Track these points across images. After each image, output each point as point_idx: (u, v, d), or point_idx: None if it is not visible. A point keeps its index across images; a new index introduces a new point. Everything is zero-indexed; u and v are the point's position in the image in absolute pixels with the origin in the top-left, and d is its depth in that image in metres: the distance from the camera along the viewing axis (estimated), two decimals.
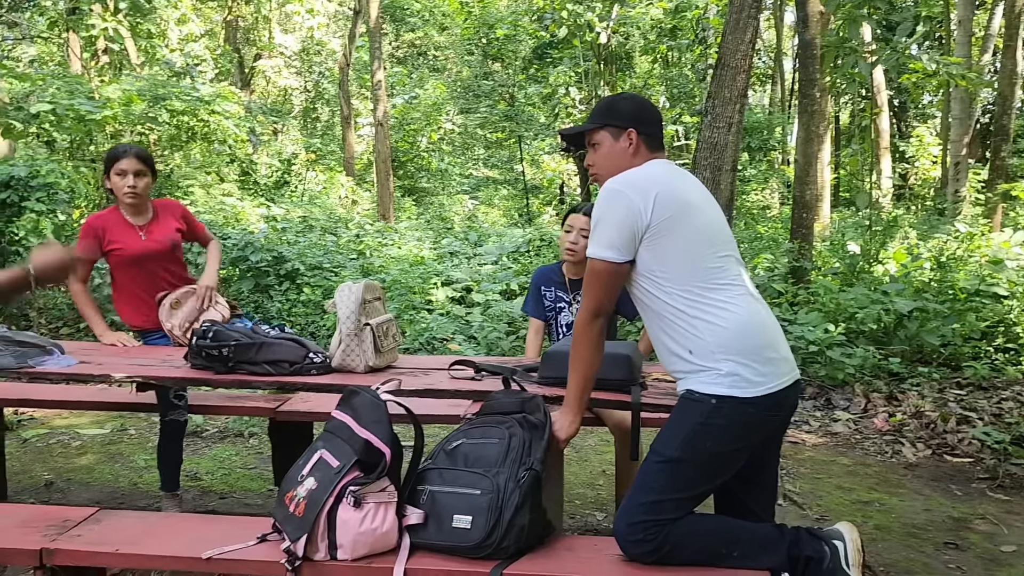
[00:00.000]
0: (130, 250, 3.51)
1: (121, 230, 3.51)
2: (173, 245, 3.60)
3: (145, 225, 3.57)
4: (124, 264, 3.54)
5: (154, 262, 3.56)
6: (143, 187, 3.48)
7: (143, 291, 3.57)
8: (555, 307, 3.71)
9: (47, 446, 5.13)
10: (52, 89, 8.17)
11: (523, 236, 9.96)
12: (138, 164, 3.45)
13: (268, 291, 7.61)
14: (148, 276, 3.57)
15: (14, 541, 2.23)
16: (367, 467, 2.16)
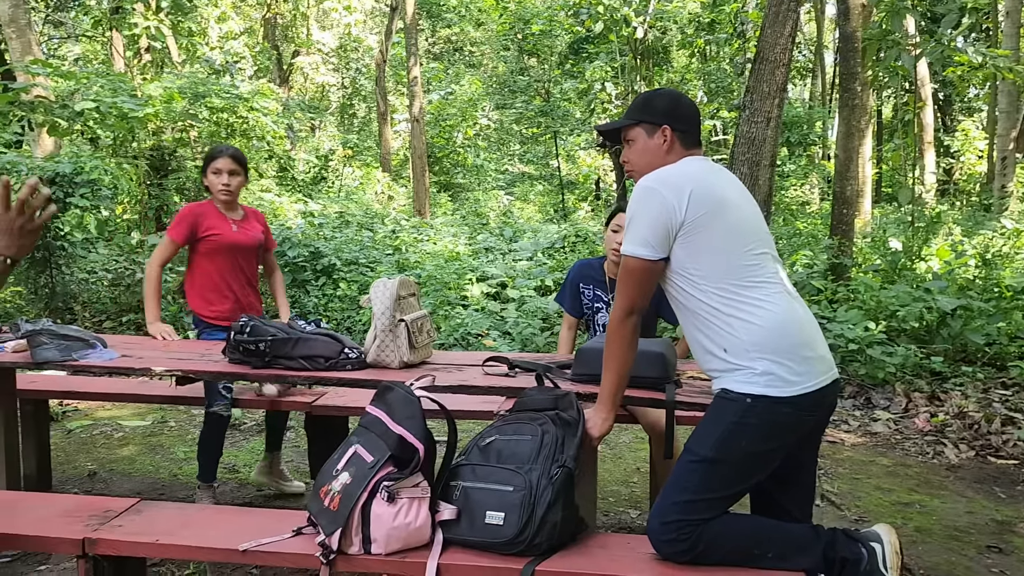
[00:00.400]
0: (224, 238, 3.72)
1: (217, 219, 3.74)
2: (257, 243, 3.86)
3: (237, 221, 3.81)
4: (214, 251, 3.72)
5: (241, 255, 3.79)
6: (236, 185, 3.74)
7: (223, 281, 3.77)
8: (593, 306, 3.67)
9: (90, 437, 5.25)
10: (96, 87, 8.33)
11: (558, 232, 9.93)
12: (232, 164, 3.71)
13: (304, 286, 7.69)
14: (231, 267, 3.78)
15: (58, 530, 2.28)
16: (401, 462, 2.17)
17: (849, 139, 8.08)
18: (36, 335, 3.05)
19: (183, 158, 10.56)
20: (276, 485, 4.14)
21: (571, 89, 14.24)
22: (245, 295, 3.86)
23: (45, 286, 7.02)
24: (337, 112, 22.74)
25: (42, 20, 18.44)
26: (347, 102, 22.65)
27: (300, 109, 17.24)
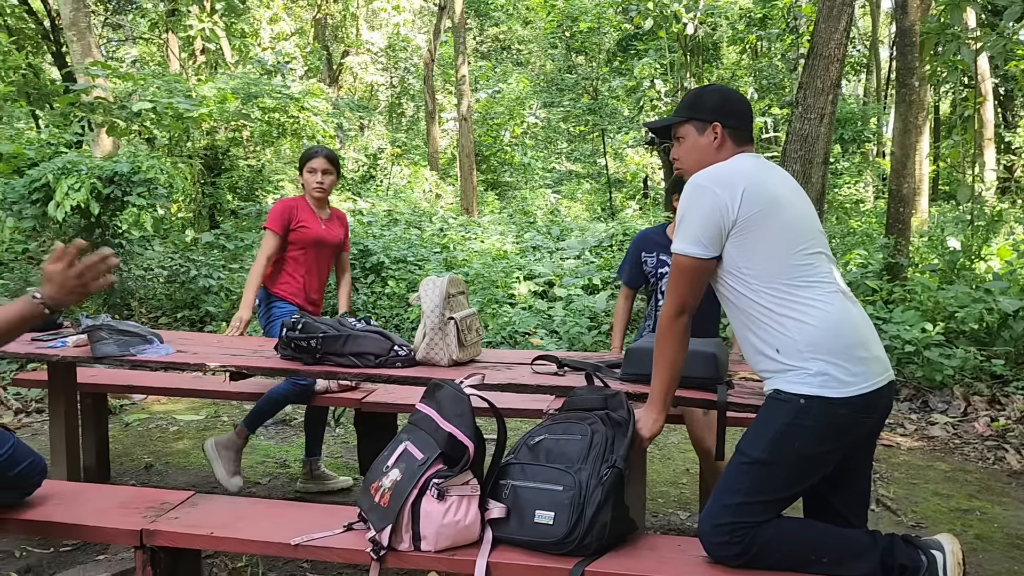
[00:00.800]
0: (312, 232, 3.92)
1: (308, 215, 3.95)
2: (338, 242, 4.07)
3: (325, 219, 4.03)
4: (302, 243, 3.92)
5: (324, 250, 4.00)
6: (328, 184, 3.94)
7: (307, 272, 3.98)
8: (657, 272, 3.62)
9: (147, 430, 5.37)
10: (152, 88, 8.52)
11: (606, 230, 9.88)
12: (326, 164, 3.92)
13: (353, 284, 7.77)
14: (314, 261, 3.98)
15: (116, 521, 2.33)
16: (450, 460, 2.18)
17: (906, 135, 7.88)
18: (96, 330, 3.12)
19: (235, 157, 10.76)
20: (322, 487, 4.20)
21: (619, 87, 14.14)
22: (313, 289, 4.03)
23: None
24: (386, 111, 22.94)
25: (101, 23, 18.94)
26: (395, 101, 22.83)
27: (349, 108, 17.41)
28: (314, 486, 4.21)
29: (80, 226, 6.74)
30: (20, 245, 8.69)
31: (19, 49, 13.28)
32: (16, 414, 5.55)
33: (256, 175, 11.07)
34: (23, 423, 5.42)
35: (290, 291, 3.96)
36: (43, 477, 2.49)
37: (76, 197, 5.91)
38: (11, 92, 11.49)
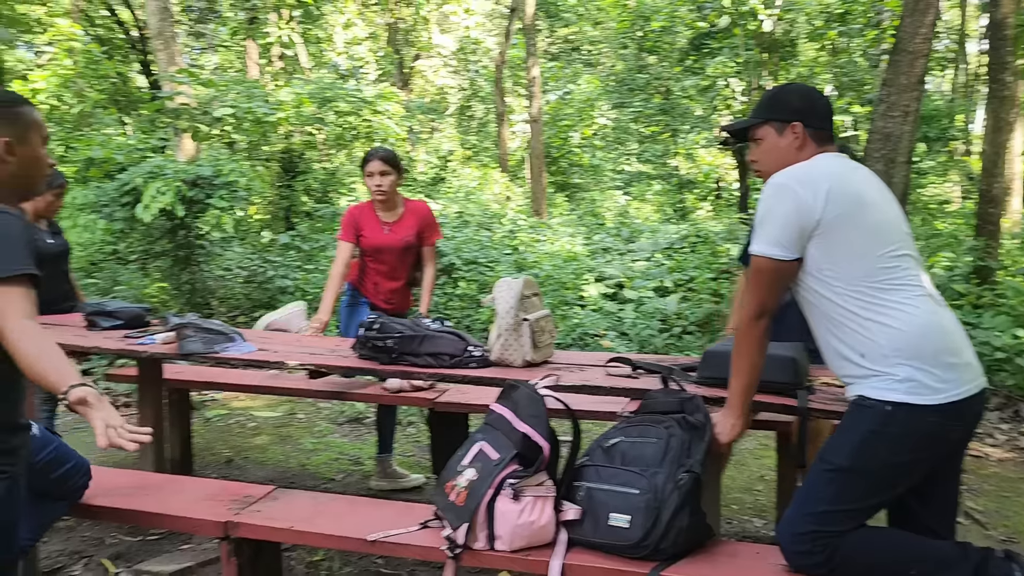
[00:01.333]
0: (371, 240, 3.99)
1: (369, 222, 4.00)
2: (405, 245, 4.00)
3: (391, 222, 4.01)
4: (367, 252, 4.04)
5: (390, 255, 4.02)
6: (388, 185, 3.92)
7: (380, 277, 4.06)
8: None
9: (227, 426, 5.54)
10: (233, 94, 8.79)
11: (677, 232, 9.76)
12: (383, 166, 3.92)
13: None
14: (384, 265, 4.04)
15: (203, 513, 2.41)
16: (526, 460, 2.18)
17: (997, 133, 7.55)
18: (183, 328, 3.23)
19: (310, 160, 11.00)
20: (395, 484, 4.27)
21: (692, 86, 13.95)
22: (387, 291, 4.08)
23: (187, 282, 7.46)
24: (456, 113, 23.14)
25: (185, 32, 19.62)
26: (466, 103, 23.00)
27: (421, 111, 17.64)
28: (387, 484, 4.28)
29: (165, 228, 7.00)
30: (110, 246, 9.08)
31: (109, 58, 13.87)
32: None
33: (330, 177, 11.31)
34: None
35: (368, 293, 4.08)
36: (88, 478, 2.50)
37: (162, 200, 6.14)
38: (102, 99, 12.00)
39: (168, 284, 7.67)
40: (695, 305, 7.02)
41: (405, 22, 20.91)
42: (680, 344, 6.55)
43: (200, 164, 6.95)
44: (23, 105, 2.04)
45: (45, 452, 2.26)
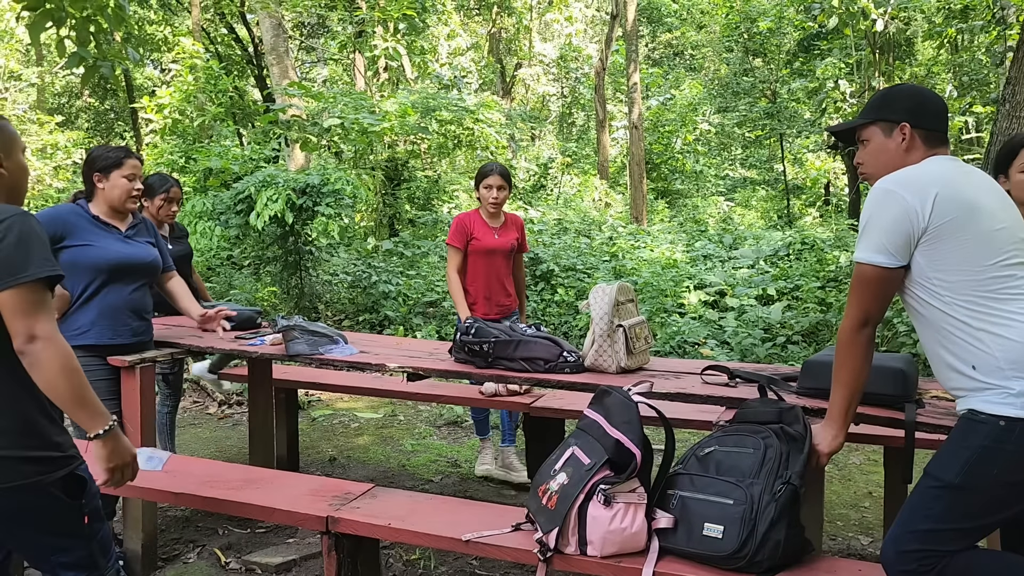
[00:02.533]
0: (484, 243, 4.26)
1: (481, 227, 4.30)
2: (511, 248, 4.34)
3: (498, 228, 4.34)
4: (477, 254, 4.27)
5: (498, 258, 4.30)
6: (502, 198, 4.29)
7: (485, 280, 4.28)
8: None
9: (331, 426, 5.73)
10: (340, 105, 9.10)
11: (783, 239, 9.49)
12: (500, 180, 4.27)
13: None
14: (490, 267, 4.28)
15: (306, 507, 2.51)
16: (617, 467, 2.18)
17: None
18: (290, 330, 3.37)
19: (414, 169, 11.27)
20: (507, 476, 4.51)
21: (800, 88, 13.53)
22: (498, 292, 4.31)
23: (295, 286, 7.77)
24: (556, 121, 23.22)
25: (297, 47, 20.45)
26: (566, 111, 23.07)
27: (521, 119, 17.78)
28: (501, 473, 4.51)
29: (276, 234, 7.31)
30: (225, 252, 9.55)
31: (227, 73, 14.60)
32: (220, 405, 6.09)
33: (432, 185, 11.55)
34: (225, 414, 5.94)
35: (472, 298, 4.26)
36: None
37: (273, 208, 6.43)
38: (220, 113, 12.64)
39: (278, 288, 8.00)
40: (800, 314, 6.81)
41: (507, 32, 21.16)
42: (784, 354, 6.37)
43: (309, 173, 7.22)
44: (3, 120, 2.09)
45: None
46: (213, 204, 7.77)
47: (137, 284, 3.37)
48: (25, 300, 1.85)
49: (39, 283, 1.87)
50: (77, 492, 1.96)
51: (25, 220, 1.91)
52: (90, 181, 3.34)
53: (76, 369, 1.90)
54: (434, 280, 8.65)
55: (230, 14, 17.18)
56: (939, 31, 11.32)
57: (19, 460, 1.89)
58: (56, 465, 1.93)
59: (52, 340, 1.86)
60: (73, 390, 1.88)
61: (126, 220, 3.43)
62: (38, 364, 1.85)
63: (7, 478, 1.87)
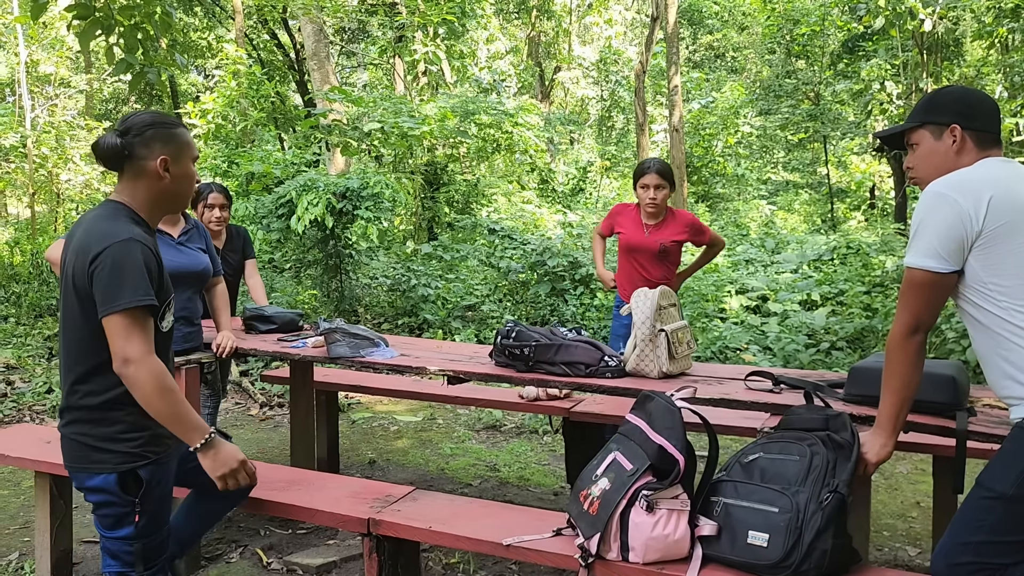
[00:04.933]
0: (626, 239, 4.16)
1: (631, 222, 4.16)
2: (660, 248, 4.08)
3: (653, 225, 4.12)
4: (621, 249, 4.21)
5: (640, 256, 4.13)
6: (661, 199, 4.06)
7: (627, 277, 4.19)
8: None
9: (370, 428, 5.76)
10: (380, 110, 9.17)
11: (826, 243, 9.33)
12: (658, 179, 4.03)
13: (563, 295, 7.89)
14: (633, 265, 4.17)
15: (348, 509, 2.52)
16: (660, 473, 2.15)
17: None
18: (332, 333, 3.40)
19: (453, 172, 11.31)
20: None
21: (844, 90, 13.31)
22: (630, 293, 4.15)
23: (336, 289, 7.84)
24: (595, 124, 23.15)
25: (337, 52, 20.67)
26: (605, 114, 22.99)
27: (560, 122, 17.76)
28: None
29: (316, 238, 7.38)
30: (267, 255, 9.67)
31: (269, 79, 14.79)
32: (261, 407, 6.16)
33: (471, 189, 11.58)
34: (267, 415, 6.01)
35: (625, 296, 4.16)
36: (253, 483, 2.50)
37: (314, 212, 6.49)
38: (262, 118, 12.82)
39: (318, 291, 8.08)
40: (845, 319, 6.69)
41: (546, 35, 21.16)
42: (828, 360, 6.26)
43: (349, 177, 7.28)
44: (179, 126, 2.24)
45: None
46: (255, 208, 7.86)
47: (189, 292, 3.43)
48: (120, 326, 2.02)
49: (133, 310, 2.02)
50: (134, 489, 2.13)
51: (122, 249, 2.05)
52: None
53: (170, 388, 2.07)
54: (473, 284, 8.66)
55: (272, 20, 17.42)
56: (989, 31, 11.05)
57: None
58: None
59: (144, 363, 2.02)
60: (168, 407, 2.06)
61: (178, 226, 3.49)
62: (134, 384, 2.03)
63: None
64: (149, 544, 2.15)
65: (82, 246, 2.08)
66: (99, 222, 2.11)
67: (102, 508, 2.15)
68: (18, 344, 7.53)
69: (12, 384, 6.39)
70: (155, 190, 2.19)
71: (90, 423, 2.12)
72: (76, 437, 2.14)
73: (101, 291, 2.03)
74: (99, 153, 2.14)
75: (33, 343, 7.61)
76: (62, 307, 2.17)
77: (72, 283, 2.10)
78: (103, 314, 2.03)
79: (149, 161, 2.16)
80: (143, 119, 2.17)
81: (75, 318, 2.11)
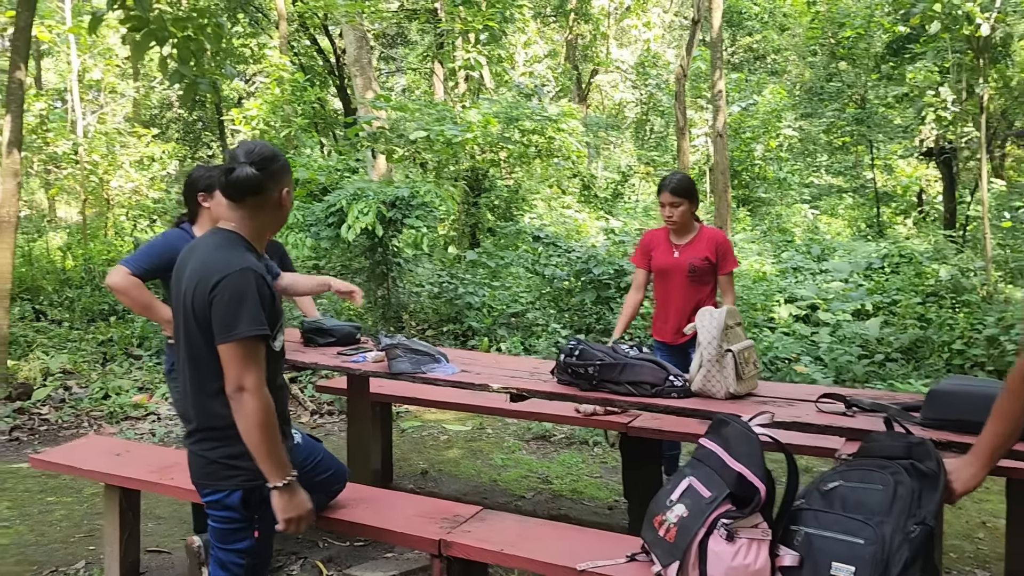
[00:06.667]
0: (658, 262, 4.04)
1: (661, 245, 4.05)
2: (691, 268, 3.94)
3: (682, 244, 3.99)
4: (656, 274, 4.08)
5: (674, 277, 3.99)
6: (678, 215, 3.92)
7: (662, 302, 4.08)
8: None
9: (420, 438, 5.78)
10: (425, 117, 9.20)
11: (877, 251, 9.17)
12: (671, 197, 3.91)
13: (609, 303, 7.85)
14: (667, 287, 4.04)
15: (418, 529, 2.53)
16: (739, 500, 2.13)
17: None
18: (393, 348, 3.41)
19: (494, 178, 11.31)
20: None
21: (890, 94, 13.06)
22: (668, 316, 4.04)
23: (382, 297, 7.88)
24: (633, 128, 23.03)
25: (376, 57, 20.80)
26: (644, 118, 22.86)
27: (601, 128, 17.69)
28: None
29: (364, 246, 7.43)
30: (311, 261, 9.75)
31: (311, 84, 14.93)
32: (311, 415, 6.21)
33: (513, 195, 11.57)
34: (317, 423, 6.06)
35: (656, 331, 4.10)
36: (343, 485, 2.78)
37: (365, 220, 6.54)
38: (306, 124, 12.96)
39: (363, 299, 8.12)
40: (899, 330, 6.57)
41: (584, 38, 21.11)
42: (882, 372, 6.15)
43: (399, 186, 7.32)
44: (278, 152, 2.29)
45: (311, 458, 2.52)
46: (303, 216, 7.94)
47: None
48: (236, 355, 2.12)
49: (248, 340, 2.12)
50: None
51: (240, 279, 2.15)
52: (194, 202, 3.43)
53: (271, 425, 2.16)
54: (518, 291, 8.65)
55: (313, 26, 17.58)
56: None
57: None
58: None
59: (256, 394, 2.12)
60: (264, 442, 2.14)
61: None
62: (241, 412, 2.13)
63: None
64: (260, 560, 2.27)
65: (201, 275, 2.18)
66: (217, 252, 2.21)
67: (223, 522, 2.25)
68: (72, 349, 7.69)
69: (69, 390, 6.52)
70: (270, 218, 2.32)
71: (219, 441, 2.22)
72: (204, 454, 2.25)
73: (219, 319, 2.13)
74: (238, 185, 2.21)
75: (87, 348, 7.76)
76: (182, 330, 2.27)
77: (192, 310, 2.20)
78: (220, 342, 2.13)
79: (274, 193, 2.27)
80: (268, 152, 2.25)
81: (197, 341, 2.21)
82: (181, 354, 2.30)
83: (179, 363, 2.35)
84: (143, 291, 3.19)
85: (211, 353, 2.19)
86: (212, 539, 2.30)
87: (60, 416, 5.95)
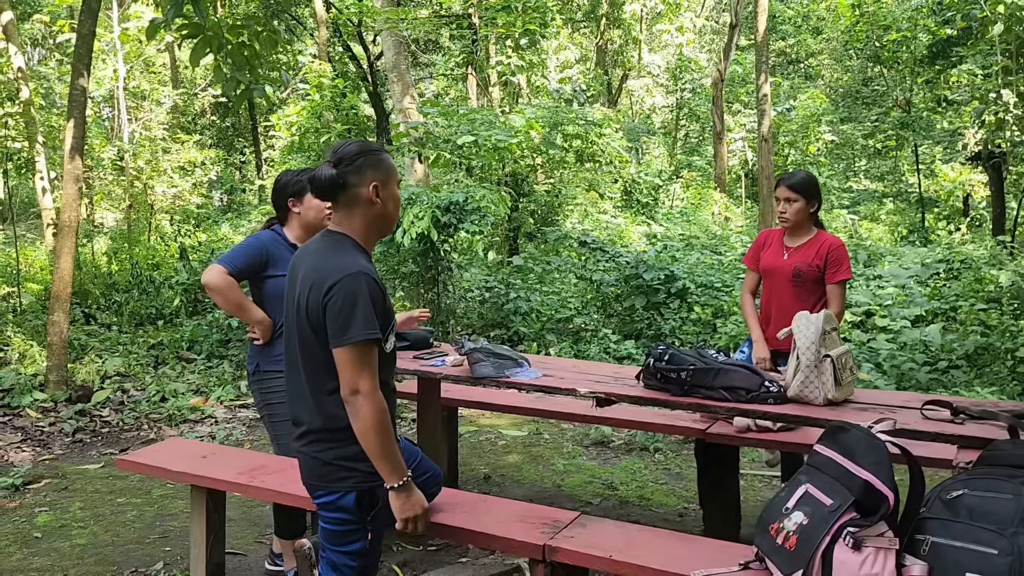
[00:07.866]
0: (766, 262, 3.92)
1: (774, 245, 3.93)
2: (794, 271, 3.79)
3: (794, 248, 3.85)
4: (763, 274, 3.96)
5: (778, 279, 3.86)
6: (792, 212, 3.78)
7: (764, 304, 3.96)
8: None
9: (478, 442, 5.76)
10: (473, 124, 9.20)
11: (930, 256, 9.03)
12: (787, 192, 3.79)
13: (659, 308, 7.80)
14: (770, 290, 3.92)
15: (521, 535, 2.50)
16: (864, 509, 2.08)
17: None
18: (475, 352, 3.40)
19: (534, 182, 11.29)
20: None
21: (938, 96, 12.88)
22: (769, 319, 3.89)
23: (432, 301, 7.88)
24: (666, 133, 22.95)
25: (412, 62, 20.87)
26: (676, 122, 22.77)
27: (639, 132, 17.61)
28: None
29: (418, 251, 7.44)
30: None
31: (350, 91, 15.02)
32: None
33: (553, 199, 11.54)
34: None
35: (761, 322, 3.95)
36: (440, 488, 2.76)
37: (420, 225, 6.54)
38: (344, 130, 13.03)
39: (411, 303, 8.13)
40: (961, 337, 6.45)
41: (614, 43, 21.07)
42: (945, 379, 6.04)
43: (452, 191, 7.33)
44: (384, 152, 2.30)
45: (412, 460, 2.53)
46: None
47: None
48: (350, 359, 2.14)
49: (361, 343, 2.14)
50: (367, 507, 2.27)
51: (353, 283, 2.16)
52: (283, 207, 3.43)
53: (387, 427, 2.17)
54: (567, 296, 8.62)
55: (347, 33, 17.69)
56: None
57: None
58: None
59: (370, 397, 2.14)
60: (380, 444, 2.16)
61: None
62: (356, 415, 2.15)
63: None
64: (370, 562, 2.28)
65: (315, 279, 2.19)
66: (329, 256, 2.22)
67: (335, 524, 2.26)
68: (124, 352, 7.76)
69: (127, 392, 6.58)
70: (369, 216, 2.29)
71: (334, 442, 2.23)
72: (318, 455, 2.26)
73: (333, 323, 2.14)
74: (317, 185, 2.25)
75: (138, 351, 7.83)
76: (297, 333, 2.28)
77: (306, 314, 2.21)
78: (334, 345, 2.15)
79: (362, 188, 2.26)
80: (352, 149, 2.26)
81: (312, 344, 2.22)
82: (294, 357, 2.31)
83: (289, 367, 2.35)
84: (237, 291, 3.20)
85: (326, 355, 2.20)
86: (323, 541, 2.30)
87: (121, 419, 6.00)
